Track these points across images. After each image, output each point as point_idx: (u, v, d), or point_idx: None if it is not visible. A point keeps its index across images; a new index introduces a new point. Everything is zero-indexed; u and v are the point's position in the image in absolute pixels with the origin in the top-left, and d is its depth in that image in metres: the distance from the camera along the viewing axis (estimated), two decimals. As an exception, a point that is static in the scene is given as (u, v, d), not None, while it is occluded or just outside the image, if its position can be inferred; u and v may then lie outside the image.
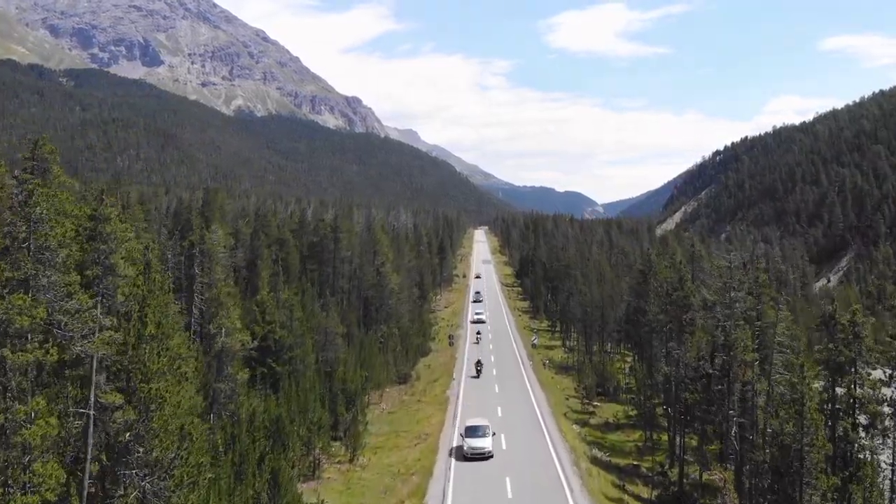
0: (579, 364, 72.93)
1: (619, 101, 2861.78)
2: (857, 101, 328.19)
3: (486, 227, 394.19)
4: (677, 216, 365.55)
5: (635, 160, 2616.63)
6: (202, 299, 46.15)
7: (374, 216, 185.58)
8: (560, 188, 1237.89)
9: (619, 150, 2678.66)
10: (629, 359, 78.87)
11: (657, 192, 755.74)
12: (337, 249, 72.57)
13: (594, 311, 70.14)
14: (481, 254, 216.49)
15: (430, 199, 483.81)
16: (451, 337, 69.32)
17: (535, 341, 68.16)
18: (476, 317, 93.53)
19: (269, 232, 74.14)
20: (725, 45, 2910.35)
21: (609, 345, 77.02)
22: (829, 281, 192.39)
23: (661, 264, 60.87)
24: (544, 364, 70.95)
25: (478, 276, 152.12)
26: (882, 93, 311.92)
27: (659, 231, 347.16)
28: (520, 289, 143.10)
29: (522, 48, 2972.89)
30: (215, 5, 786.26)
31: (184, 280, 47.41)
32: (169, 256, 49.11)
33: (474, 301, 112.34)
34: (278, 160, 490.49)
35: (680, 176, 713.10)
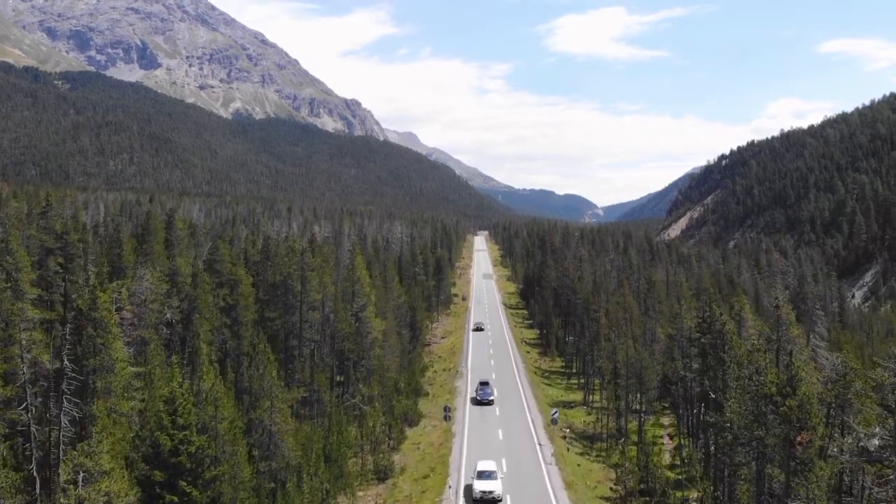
0: (608, 433, 57.52)
1: (618, 105, 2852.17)
2: (868, 104, 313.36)
3: (487, 233, 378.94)
4: (682, 222, 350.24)
5: (634, 163, 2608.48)
6: (75, 405, 30.78)
7: (366, 227, 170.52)
8: (559, 191, 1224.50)
9: (617, 153, 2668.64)
10: (666, 419, 63.41)
11: (658, 196, 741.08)
12: (305, 292, 57.01)
13: (628, 371, 54.63)
14: (482, 266, 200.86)
15: (430, 203, 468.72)
16: (446, 409, 53.92)
17: (555, 416, 52.91)
18: (482, 487, 39.48)
19: (221, 268, 58.48)
20: (724, 49, 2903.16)
21: (643, 403, 61.12)
22: (853, 297, 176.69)
23: (733, 331, 45.28)
24: (565, 436, 55.42)
25: (479, 329, 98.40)
26: (894, 96, 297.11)
27: (663, 237, 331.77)
28: (525, 311, 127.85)
29: (521, 52, 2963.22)
30: (214, 7, 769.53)
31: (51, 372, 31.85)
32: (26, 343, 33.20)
33: (479, 401, 60.38)
34: (275, 164, 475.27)
35: (681, 179, 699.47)
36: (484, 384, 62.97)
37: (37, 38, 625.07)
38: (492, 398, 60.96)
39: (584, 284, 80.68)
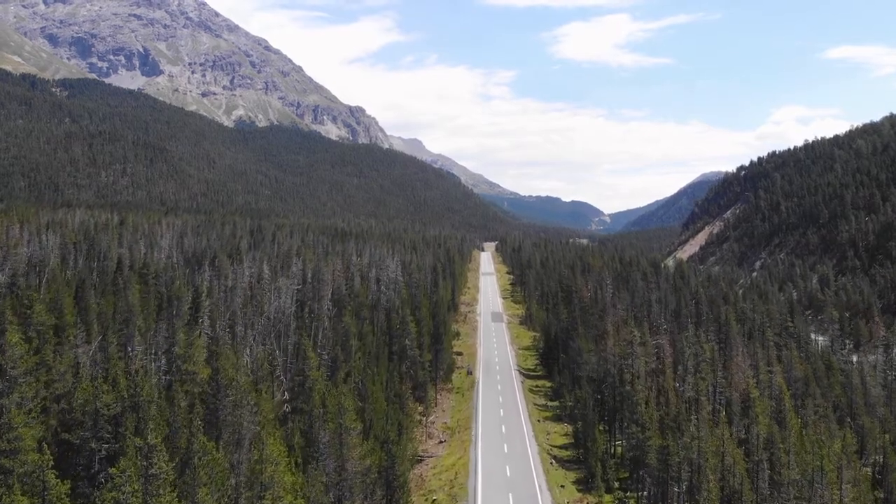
0: None
1: (623, 111, 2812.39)
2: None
3: (494, 246, 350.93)
4: (701, 237, 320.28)
5: (639, 169, 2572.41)
6: None
7: (356, 264, 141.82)
8: (565, 198, 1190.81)
9: (623, 159, 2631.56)
10: None
11: (667, 203, 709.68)
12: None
13: None
14: (490, 299, 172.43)
15: (434, 214, 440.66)
16: None
17: None
18: None
19: (16, 446, 30.41)
20: (728, 56, 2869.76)
21: None
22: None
23: None
24: None
25: None
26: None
27: (681, 254, 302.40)
28: (546, 382, 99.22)
29: (526, 59, 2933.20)
30: (217, 14, 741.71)
31: None
32: None
33: None
34: (276, 173, 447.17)
35: (689, 186, 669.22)
36: None
37: (38, 44, 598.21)
38: None
39: (650, 413, 51.80)
